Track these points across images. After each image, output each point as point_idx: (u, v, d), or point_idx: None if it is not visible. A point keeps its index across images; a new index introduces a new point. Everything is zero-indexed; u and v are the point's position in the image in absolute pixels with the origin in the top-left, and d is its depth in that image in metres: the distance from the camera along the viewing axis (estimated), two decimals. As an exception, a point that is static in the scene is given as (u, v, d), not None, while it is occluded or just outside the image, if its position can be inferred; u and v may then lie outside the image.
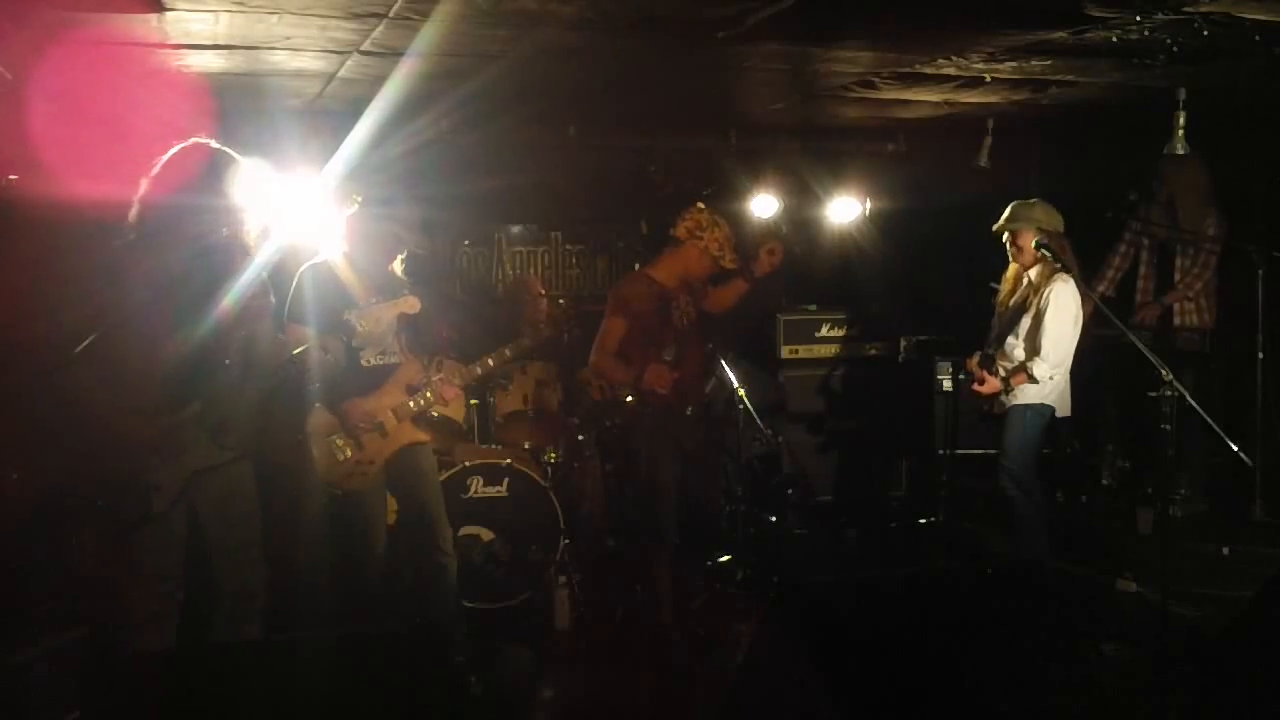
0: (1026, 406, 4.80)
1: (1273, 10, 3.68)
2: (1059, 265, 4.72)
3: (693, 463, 4.61)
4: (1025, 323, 4.82)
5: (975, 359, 4.90)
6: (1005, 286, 4.99)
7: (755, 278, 4.78)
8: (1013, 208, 4.88)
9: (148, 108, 4.59)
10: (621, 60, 4.50)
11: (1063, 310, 4.69)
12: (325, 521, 4.29)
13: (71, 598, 4.33)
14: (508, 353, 4.51)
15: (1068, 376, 4.86)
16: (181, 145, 3.34)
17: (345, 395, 4.08)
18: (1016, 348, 4.84)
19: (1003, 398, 4.86)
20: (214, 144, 3.37)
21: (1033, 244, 4.74)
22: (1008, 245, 4.90)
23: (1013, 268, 4.95)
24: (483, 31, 3.86)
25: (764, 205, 6.60)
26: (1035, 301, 4.77)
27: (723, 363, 5.44)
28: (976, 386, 4.86)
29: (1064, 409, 4.88)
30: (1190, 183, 5.81)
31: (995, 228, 4.93)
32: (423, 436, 4.24)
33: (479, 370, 4.45)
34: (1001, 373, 4.81)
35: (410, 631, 4.01)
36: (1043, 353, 4.68)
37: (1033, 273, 4.83)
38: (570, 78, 4.83)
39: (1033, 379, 4.70)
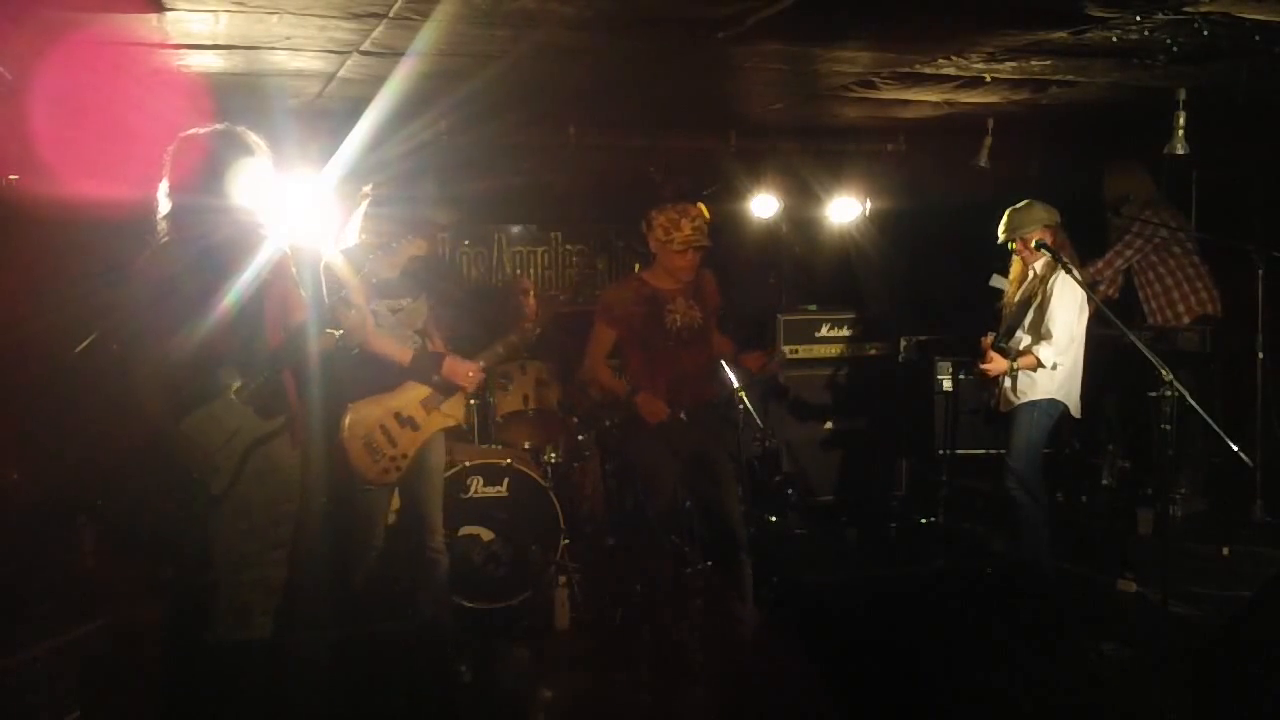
0: (1033, 404, 4.80)
1: (1273, 10, 3.68)
2: (1061, 264, 4.77)
3: (693, 466, 4.49)
4: (1031, 314, 4.87)
5: (990, 337, 4.91)
6: (1011, 285, 5.02)
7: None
8: (1010, 215, 4.91)
9: (148, 108, 4.60)
10: (621, 60, 4.50)
11: (1068, 298, 4.76)
12: (326, 518, 4.30)
13: (71, 597, 4.34)
14: (500, 349, 4.50)
15: (1078, 376, 4.85)
16: (191, 133, 3.34)
17: (371, 389, 4.14)
18: (1024, 340, 4.86)
19: (1010, 395, 4.86)
20: (220, 131, 3.37)
21: (1033, 244, 4.80)
22: (1016, 249, 4.93)
23: (1017, 265, 4.99)
24: (482, 31, 3.86)
25: (764, 205, 6.61)
26: (1041, 290, 4.83)
27: (722, 363, 5.43)
28: (983, 365, 4.86)
29: (1075, 408, 4.87)
30: (1131, 186, 5.87)
31: (1001, 240, 4.95)
32: (451, 420, 4.30)
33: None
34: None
35: (405, 631, 4.02)
36: (1049, 337, 4.73)
37: (1038, 265, 4.89)
38: (570, 78, 4.83)
39: (1040, 363, 4.74)
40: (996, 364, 4.83)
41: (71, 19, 3.68)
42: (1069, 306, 4.76)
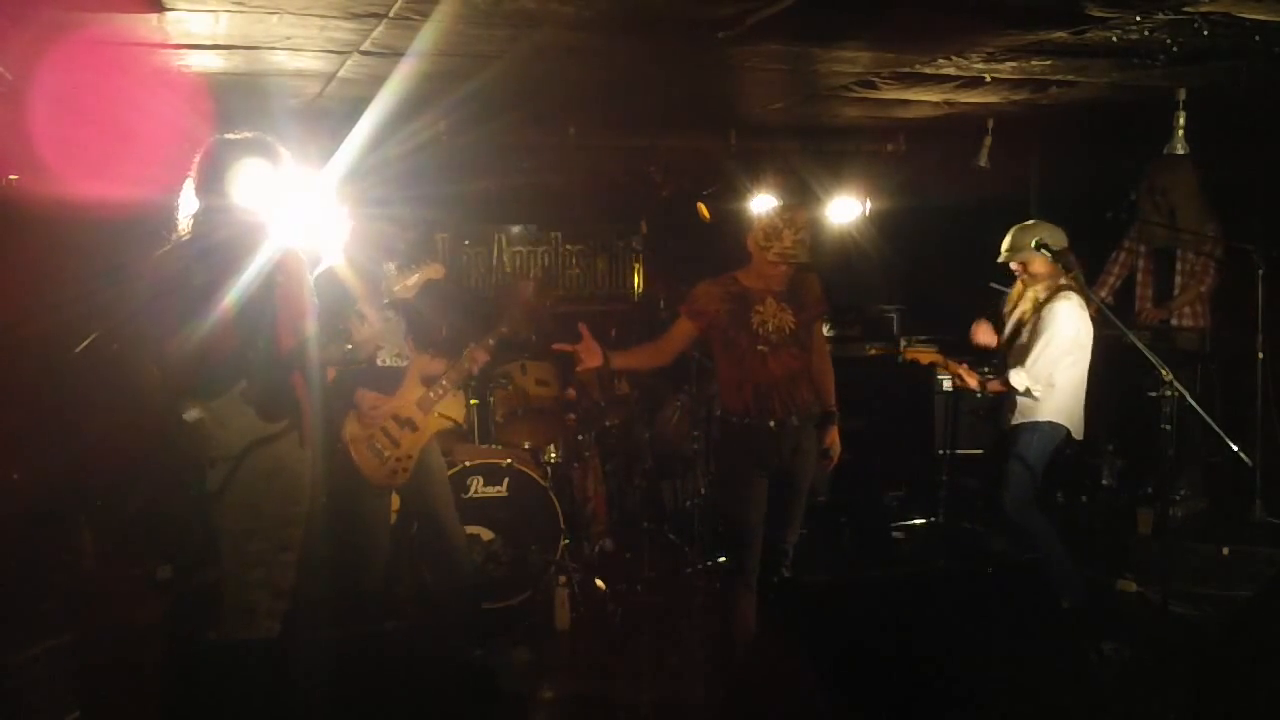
0: (1034, 427, 4.66)
1: (1273, 10, 3.68)
2: (1068, 273, 4.67)
3: (774, 482, 4.11)
4: (1023, 336, 4.73)
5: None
6: (1010, 300, 4.91)
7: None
8: (1014, 235, 4.79)
9: (148, 108, 4.60)
10: (621, 60, 4.50)
11: (1061, 329, 4.58)
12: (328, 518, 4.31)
13: (71, 597, 4.34)
14: (491, 341, 4.50)
15: (1081, 398, 4.72)
16: (221, 138, 3.37)
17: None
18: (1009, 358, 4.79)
19: (1007, 414, 4.81)
20: (249, 139, 3.39)
21: (1037, 246, 4.68)
22: (1017, 271, 4.81)
23: (1019, 284, 4.85)
24: (482, 31, 3.86)
25: (764, 205, 6.61)
26: (1034, 318, 4.68)
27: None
28: (954, 367, 4.91)
29: (1077, 431, 4.73)
30: (1189, 190, 5.83)
31: (1001, 259, 4.84)
32: (448, 422, 4.32)
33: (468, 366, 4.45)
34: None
35: (407, 631, 4.02)
36: (1026, 363, 4.58)
37: (1039, 288, 4.73)
38: (570, 78, 4.83)
39: (1011, 387, 4.62)
40: (969, 376, 4.81)
41: (71, 19, 3.68)
42: (1061, 339, 4.57)
